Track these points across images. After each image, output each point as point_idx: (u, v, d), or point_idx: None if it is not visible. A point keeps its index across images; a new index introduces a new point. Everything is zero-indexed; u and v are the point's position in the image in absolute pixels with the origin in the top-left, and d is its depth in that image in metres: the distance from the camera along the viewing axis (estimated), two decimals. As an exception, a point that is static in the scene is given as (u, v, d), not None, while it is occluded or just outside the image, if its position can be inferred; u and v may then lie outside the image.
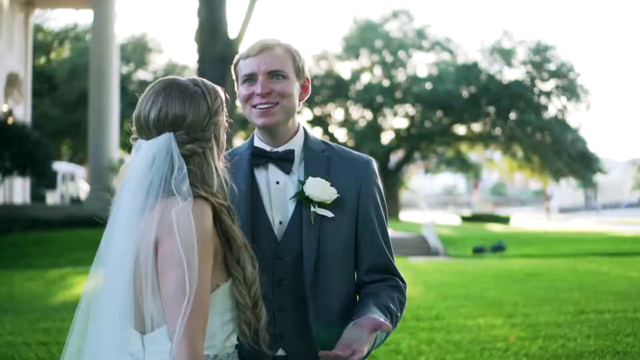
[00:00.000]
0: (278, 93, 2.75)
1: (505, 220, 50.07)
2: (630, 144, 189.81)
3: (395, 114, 49.11)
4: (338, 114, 50.05)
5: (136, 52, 40.43)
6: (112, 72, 29.86)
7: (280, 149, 2.85)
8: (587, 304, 11.61)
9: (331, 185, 2.78)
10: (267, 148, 2.86)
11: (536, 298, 12.45)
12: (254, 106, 2.78)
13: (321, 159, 2.86)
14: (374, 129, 48.56)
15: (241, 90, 2.81)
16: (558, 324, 9.89)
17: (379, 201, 2.89)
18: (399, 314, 2.81)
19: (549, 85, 48.00)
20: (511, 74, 48.09)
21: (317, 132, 44.49)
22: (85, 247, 22.66)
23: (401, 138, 49.86)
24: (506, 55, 47.57)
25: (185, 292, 2.24)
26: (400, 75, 48.25)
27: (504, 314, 10.83)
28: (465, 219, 50.59)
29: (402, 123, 50.29)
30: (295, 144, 2.87)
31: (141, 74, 41.68)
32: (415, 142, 49.38)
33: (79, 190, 39.16)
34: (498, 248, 26.80)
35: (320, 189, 2.73)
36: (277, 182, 2.83)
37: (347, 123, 49.13)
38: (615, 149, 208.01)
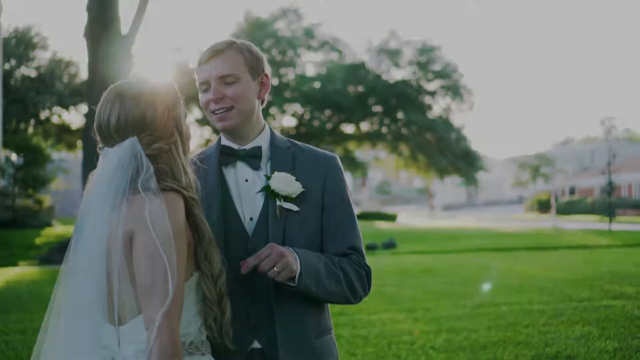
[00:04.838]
0: (230, 97, 2.81)
1: (392, 218, 51.13)
2: (510, 143, 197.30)
3: (283, 112, 49.13)
4: (227, 112, 49.49)
5: (19, 47, 38.76)
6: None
7: (248, 146, 2.91)
8: (483, 297, 11.99)
9: (296, 180, 2.83)
10: (235, 146, 2.91)
11: (433, 293, 12.75)
12: (213, 112, 2.83)
13: (287, 155, 2.93)
14: (263, 128, 48.25)
15: (200, 98, 2.88)
16: (458, 317, 10.16)
17: (344, 195, 2.96)
18: (339, 273, 2.82)
19: (434, 85, 49.01)
20: (398, 74, 48.90)
21: (206, 132, 44.07)
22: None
23: (290, 137, 49.72)
24: (393, 56, 48.26)
25: (162, 282, 2.28)
26: (290, 75, 48.33)
27: (405, 309, 11.05)
28: (354, 216, 51.20)
29: (291, 122, 50.42)
30: (262, 141, 2.94)
31: (24, 70, 40.10)
32: (304, 141, 48.35)
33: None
34: (390, 245, 27.27)
35: (285, 183, 2.80)
36: (246, 180, 2.88)
37: (236, 122, 48.76)
38: (496, 148, 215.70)
